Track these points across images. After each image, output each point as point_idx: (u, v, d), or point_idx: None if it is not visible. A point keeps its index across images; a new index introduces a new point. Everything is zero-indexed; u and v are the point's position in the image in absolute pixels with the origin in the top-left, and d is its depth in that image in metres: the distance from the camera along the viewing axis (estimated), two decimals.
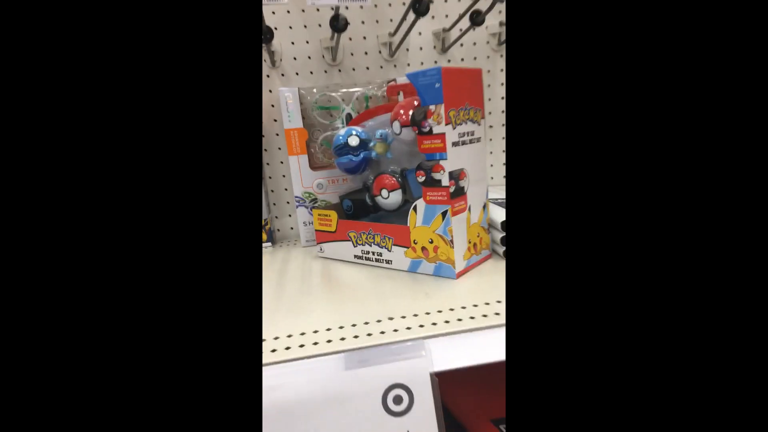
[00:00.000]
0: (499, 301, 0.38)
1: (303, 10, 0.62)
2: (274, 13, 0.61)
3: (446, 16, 0.66)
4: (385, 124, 0.52)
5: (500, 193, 0.60)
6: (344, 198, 0.56)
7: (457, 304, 0.38)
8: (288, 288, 0.47)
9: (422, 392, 0.32)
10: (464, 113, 0.43)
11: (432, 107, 0.41)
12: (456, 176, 0.42)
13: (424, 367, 0.32)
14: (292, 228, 0.69)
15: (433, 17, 0.66)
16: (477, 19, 0.58)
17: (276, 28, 0.62)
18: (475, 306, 0.38)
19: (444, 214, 0.43)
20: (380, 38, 0.65)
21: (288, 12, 0.62)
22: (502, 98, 0.71)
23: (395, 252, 0.48)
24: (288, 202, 0.69)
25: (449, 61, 0.68)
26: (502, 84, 0.70)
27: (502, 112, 0.71)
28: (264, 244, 0.65)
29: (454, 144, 0.42)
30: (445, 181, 0.42)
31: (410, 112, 0.44)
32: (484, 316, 0.36)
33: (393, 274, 0.47)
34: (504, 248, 0.48)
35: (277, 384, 0.31)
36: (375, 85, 0.62)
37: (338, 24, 0.54)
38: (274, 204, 0.69)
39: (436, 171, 0.42)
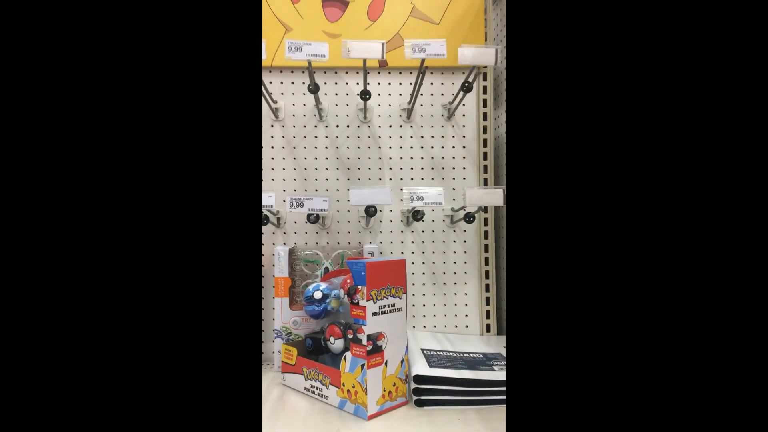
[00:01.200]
0: None
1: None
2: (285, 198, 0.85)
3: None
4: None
5: (429, 341, 0.73)
6: (308, 337, 0.72)
7: None
8: None
9: None
10: (385, 291, 0.60)
11: (359, 287, 0.58)
12: (374, 338, 0.58)
13: None
14: (273, 352, 0.85)
15: (401, 200, 0.87)
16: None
17: (284, 200, 0.85)
18: None
19: (362, 366, 0.57)
20: (359, 212, 0.86)
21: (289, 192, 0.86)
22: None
23: (331, 390, 0.62)
24: (272, 331, 0.85)
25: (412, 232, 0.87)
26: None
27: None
28: None
29: (374, 314, 0.58)
30: (365, 341, 0.57)
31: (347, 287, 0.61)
32: None
33: (327, 407, 0.60)
34: (415, 398, 0.60)
35: None
36: (352, 249, 0.82)
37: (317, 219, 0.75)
38: (263, 331, 0.85)
39: (360, 332, 0.58)
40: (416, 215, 0.75)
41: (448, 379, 0.60)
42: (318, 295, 0.69)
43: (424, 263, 0.86)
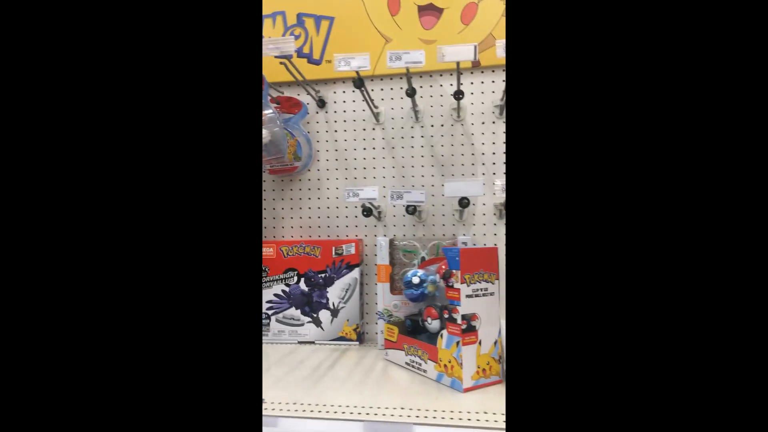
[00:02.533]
0: (486, 412, 0.55)
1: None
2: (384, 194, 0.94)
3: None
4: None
5: None
6: (407, 318, 0.80)
7: (456, 409, 0.56)
8: (353, 375, 0.70)
9: None
10: (478, 276, 0.64)
11: (454, 271, 0.64)
12: (468, 318, 0.63)
13: None
14: (376, 333, 0.94)
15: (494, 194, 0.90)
16: None
17: (384, 196, 0.94)
18: (468, 412, 0.55)
19: (458, 343, 0.62)
20: (453, 205, 0.91)
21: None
22: None
23: (429, 364, 0.68)
24: (375, 314, 0.94)
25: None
26: None
27: None
28: (353, 343, 0.90)
29: (468, 296, 0.63)
30: (459, 320, 0.62)
31: (443, 271, 0.67)
32: (468, 419, 0.53)
33: (425, 380, 0.67)
34: None
35: (313, 430, 0.53)
36: (446, 240, 0.87)
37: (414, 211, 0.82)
38: (367, 314, 0.95)
39: (455, 312, 0.63)
40: (462, 202, 0.75)
41: None
42: (416, 280, 0.76)
43: None
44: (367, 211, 0.78)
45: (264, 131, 0.75)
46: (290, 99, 0.93)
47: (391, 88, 0.94)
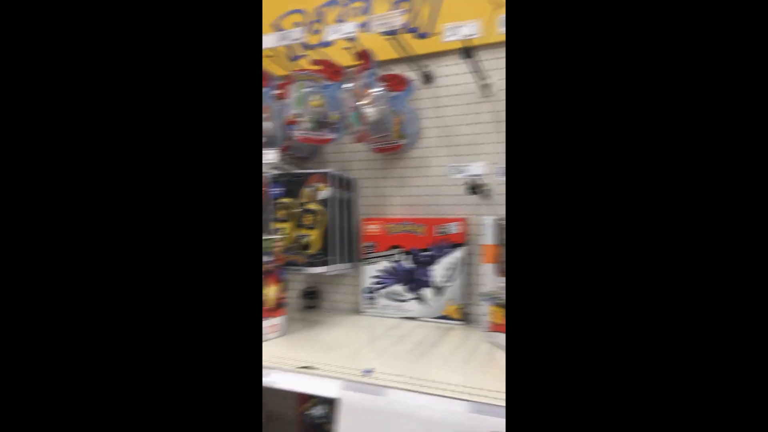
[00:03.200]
0: None
1: None
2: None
3: None
4: None
5: None
6: None
7: None
8: (457, 354, 0.69)
9: None
10: None
11: None
12: None
13: None
14: (480, 315, 0.91)
15: None
16: None
17: (492, 174, 0.89)
18: None
19: None
20: None
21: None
22: None
23: None
24: (479, 296, 0.91)
25: None
26: None
27: None
28: (457, 322, 0.89)
29: None
30: None
31: None
32: None
33: None
34: None
35: (416, 404, 0.54)
36: None
37: None
38: (472, 294, 0.92)
39: None
40: (474, 189, 0.67)
41: None
42: None
43: None
44: (472, 189, 0.75)
45: (371, 110, 0.76)
46: (397, 76, 0.92)
47: (502, 57, 0.87)
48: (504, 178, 0.67)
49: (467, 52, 0.69)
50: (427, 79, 0.93)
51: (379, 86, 0.79)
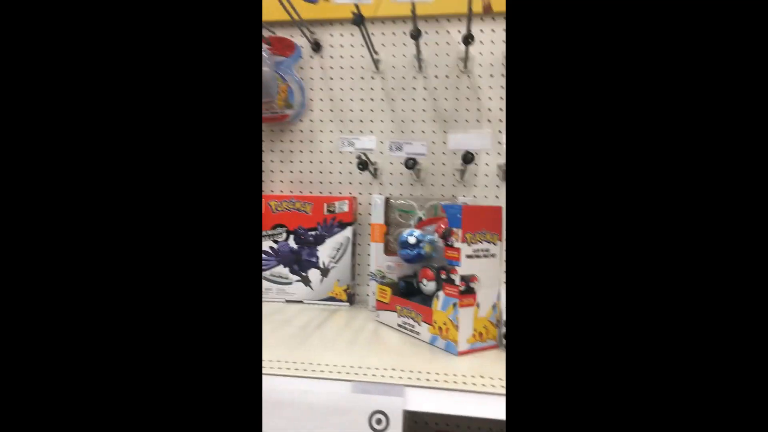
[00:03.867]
0: (482, 376, 0.52)
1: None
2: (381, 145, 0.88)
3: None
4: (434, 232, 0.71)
5: None
6: (401, 279, 0.76)
7: (450, 372, 0.53)
8: (343, 335, 0.67)
9: (395, 419, 0.47)
10: (480, 236, 0.60)
11: (454, 229, 0.59)
12: (467, 279, 0.59)
13: (399, 405, 0.48)
14: (367, 295, 0.90)
15: (499, 153, 0.85)
16: None
17: (381, 153, 0.88)
18: (463, 375, 0.52)
19: (455, 305, 0.59)
20: (454, 164, 0.86)
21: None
22: None
23: (422, 326, 0.64)
24: (367, 275, 0.90)
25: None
26: None
27: None
28: (343, 303, 0.86)
29: (468, 256, 0.59)
30: (458, 281, 0.58)
31: (442, 230, 0.63)
32: (464, 383, 0.50)
33: (418, 342, 0.64)
34: (504, 342, 0.60)
35: (298, 389, 0.50)
36: (446, 201, 0.82)
37: (412, 164, 0.77)
38: (358, 274, 0.91)
39: (453, 273, 0.59)
40: (466, 157, 0.69)
41: None
42: (412, 240, 0.72)
43: None
44: (362, 165, 0.72)
45: None
46: (283, 40, 0.85)
47: (393, 33, 0.86)
48: (397, 153, 0.66)
49: (359, 18, 0.65)
50: (317, 47, 0.87)
51: (264, 46, 0.71)
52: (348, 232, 0.86)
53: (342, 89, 0.88)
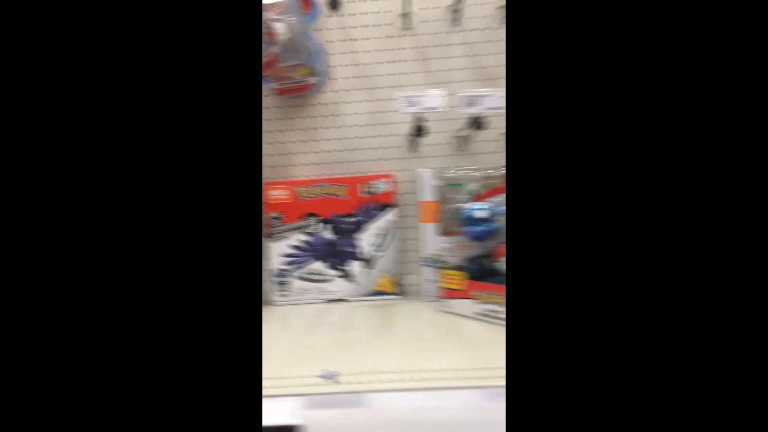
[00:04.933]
0: None
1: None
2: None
3: None
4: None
5: None
6: (469, 261, 0.66)
7: None
8: (423, 333, 0.57)
9: None
10: None
11: None
12: None
13: None
14: (419, 284, 0.80)
15: None
16: None
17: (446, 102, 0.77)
18: None
19: None
20: (503, 133, 0.77)
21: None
22: None
23: None
24: (418, 262, 0.80)
25: None
26: None
27: None
28: (394, 296, 0.76)
29: None
30: None
31: None
32: None
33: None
34: None
35: (421, 406, 0.40)
36: (496, 169, 0.73)
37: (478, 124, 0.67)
38: (406, 262, 0.80)
39: None
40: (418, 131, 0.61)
41: None
42: (481, 213, 0.62)
43: None
44: (418, 131, 0.62)
45: (279, 25, 0.55)
46: None
47: None
48: (470, 109, 0.55)
49: None
50: (334, 4, 0.74)
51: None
52: (391, 214, 0.75)
53: (366, 51, 0.76)
